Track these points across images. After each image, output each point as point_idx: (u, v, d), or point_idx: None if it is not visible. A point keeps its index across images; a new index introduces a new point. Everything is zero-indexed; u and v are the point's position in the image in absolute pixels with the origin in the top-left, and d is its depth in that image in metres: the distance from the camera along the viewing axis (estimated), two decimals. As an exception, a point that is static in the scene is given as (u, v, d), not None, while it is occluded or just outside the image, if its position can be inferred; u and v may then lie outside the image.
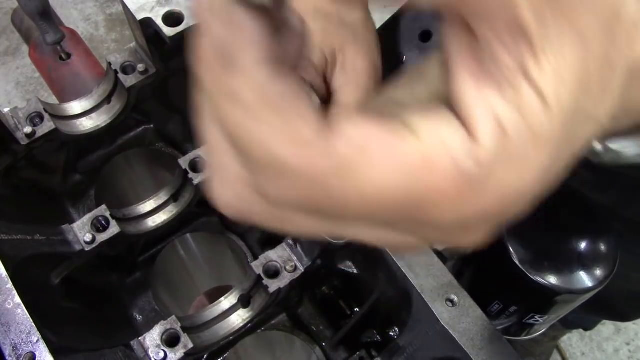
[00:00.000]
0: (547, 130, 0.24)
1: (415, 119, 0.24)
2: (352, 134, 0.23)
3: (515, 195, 0.25)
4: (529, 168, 0.25)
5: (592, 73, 0.25)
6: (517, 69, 0.24)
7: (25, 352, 0.58)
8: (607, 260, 0.59)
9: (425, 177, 0.23)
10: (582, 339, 1.84)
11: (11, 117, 0.77)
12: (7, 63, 2.24)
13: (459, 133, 0.24)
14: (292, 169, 0.23)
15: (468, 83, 0.25)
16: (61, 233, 0.74)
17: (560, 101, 0.24)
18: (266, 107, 0.23)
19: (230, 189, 0.27)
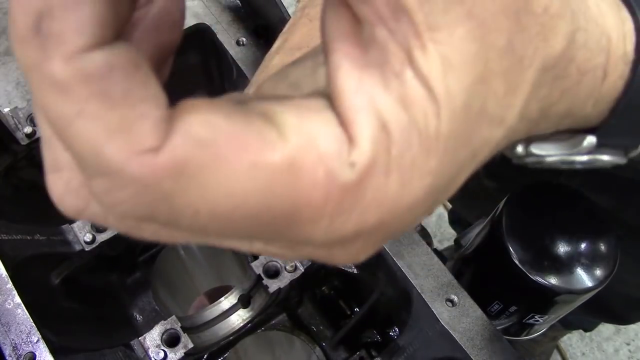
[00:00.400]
0: (434, 128, 0.21)
1: (287, 116, 0.20)
2: (196, 130, 0.19)
3: (400, 206, 0.21)
4: (415, 173, 0.21)
5: (493, 65, 0.22)
6: (402, 55, 0.21)
7: (25, 352, 0.58)
8: (607, 260, 0.59)
9: (290, 187, 0.20)
10: (582, 339, 1.84)
11: (11, 117, 0.77)
12: (7, 63, 2.24)
13: (335, 135, 0.20)
14: (123, 172, 0.19)
15: (348, 74, 0.21)
16: (61, 233, 0.74)
17: (449, 93, 0.21)
18: (97, 100, 0.18)
19: (64, 184, 0.23)
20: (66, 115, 0.19)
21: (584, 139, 0.32)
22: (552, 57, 0.25)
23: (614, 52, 0.29)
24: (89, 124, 0.18)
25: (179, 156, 0.19)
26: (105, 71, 0.18)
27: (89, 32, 0.18)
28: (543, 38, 0.24)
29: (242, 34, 0.76)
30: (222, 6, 0.78)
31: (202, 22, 0.76)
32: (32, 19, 0.18)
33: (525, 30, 0.23)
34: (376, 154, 0.20)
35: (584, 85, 0.28)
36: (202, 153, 0.19)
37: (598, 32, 0.28)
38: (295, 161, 0.19)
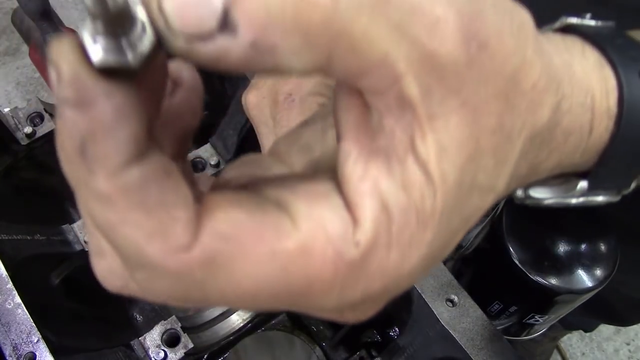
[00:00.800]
0: (430, 207, 0.24)
1: (298, 205, 0.24)
2: (221, 227, 0.22)
3: (401, 274, 0.24)
4: (414, 246, 0.24)
5: (483, 143, 0.24)
6: (406, 142, 0.23)
7: (25, 352, 0.58)
8: (607, 260, 0.59)
9: (303, 268, 0.23)
10: (582, 339, 1.84)
11: (11, 117, 0.77)
12: (7, 63, 2.24)
13: (342, 218, 0.23)
14: (161, 267, 0.22)
15: (356, 162, 0.24)
16: (61, 233, 0.74)
17: (444, 174, 0.24)
18: (136, 209, 0.22)
19: (107, 266, 0.26)
20: (111, 222, 0.22)
21: (577, 184, 0.34)
22: (538, 127, 0.28)
23: (598, 109, 0.32)
24: (131, 229, 0.22)
25: (208, 251, 0.22)
26: (142, 183, 0.22)
27: (126, 151, 0.21)
28: (531, 112, 0.27)
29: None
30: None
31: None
32: (78, 144, 0.21)
33: (514, 108, 0.25)
34: (378, 233, 0.23)
35: (570, 143, 0.31)
36: (227, 246, 0.22)
37: (583, 94, 0.31)
38: (307, 246, 0.23)
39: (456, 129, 0.23)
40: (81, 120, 0.21)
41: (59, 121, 0.21)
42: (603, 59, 0.33)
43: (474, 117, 0.24)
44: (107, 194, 0.21)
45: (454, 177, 0.24)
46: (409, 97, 0.23)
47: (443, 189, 0.24)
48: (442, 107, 0.23)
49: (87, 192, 0.22)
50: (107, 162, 0.21)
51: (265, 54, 0.21)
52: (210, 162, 0.78)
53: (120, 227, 0.22)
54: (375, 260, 0.24)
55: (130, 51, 0.21)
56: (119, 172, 0.21)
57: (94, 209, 0.22)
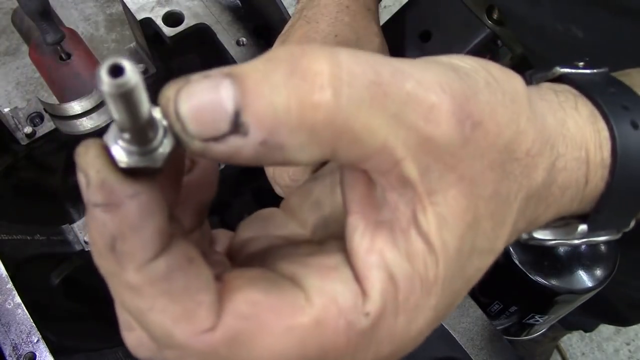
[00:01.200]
0: (433, 275, 0.25)
1: (310, 280, 0.25)
2: (241, 309, 0.24)
3: (408, 338, 0.26)
4: (419, 312, 0.26)
5: (481, 211, 0.26)
6: (409, 216, 0.25)
7: (25, 352, 0.58)
8: (607, 260, 0.59)
9: (318, 340, 0.24)
10: (582, 339, 1.84)
11: (11, 117, 0.77)
12: (7, 63, 2.24)
13: (352, 291, 0.25)
14: (188, 348, 0.24)
15: (363, 235, 0.26)
16: (61, 233, 0.74)
17: (444, 244, 0.25)
18: (163, 297, 0.24)
19: (136, 339, 0.28)
20: (140, 309, 0.24)
21: (577, 227, 0.35)
22: (534, 187, 0.29)
23: (593, 160, 0.33)
24: (159, 315, 0.24)
25: (231, 331, 0.24)
26: (167, 273, 0.24)
27: (152, 247, 0.23)
28: (526, 176, 0.28)
29: (242, 34, 0.76)
30: (222, 6, 0.78)
31: (202, 22, 0.76)
32: (108, 241, 0.23)
33: (509, 174, 0.27)
34: (386, 302, 0.25)
35: (567, 195, 0.32)
36: (248, 325, 0.24)
37: (577, 149, 0.32)
38: (321, 319, 0.24)
39: (454, 201, 0.25)
40: (110, 221, 0.23)
41: (90, 220, 0.23)
42: (596, 110, 0.34)
43: (471, 189, 0.26)
44: (137, 286, 0.24)
45: (455, 245, 0.26)
46: (409, 177, 0.24)
47: (445, 257, 0.25)
48: (440, 183, 0.25)
49: (118, 282, 0.24)
50: (136, 257, 0.23)
51: (274, 151, 0.23)
52: (210, 162, 0.78)
53: (149, 313, 0.24)
54: (384, 327, 0.25)
55: (153, 153, 0.23)
56: (146, 266, 0.23)
57: (124, 297, 0.24)
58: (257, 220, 0.32)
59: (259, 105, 0.22)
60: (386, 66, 0.24)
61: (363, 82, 0.23)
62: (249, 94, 0.22)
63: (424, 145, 0.24)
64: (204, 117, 0.22)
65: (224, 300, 0.24)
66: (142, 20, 0.75)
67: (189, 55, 0.84)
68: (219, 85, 0.22)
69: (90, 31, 2.31)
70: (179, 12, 0.75)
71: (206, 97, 0.22)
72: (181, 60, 0.85)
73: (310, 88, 0.22)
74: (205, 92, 0.22)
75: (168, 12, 0.75)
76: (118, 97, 0.20)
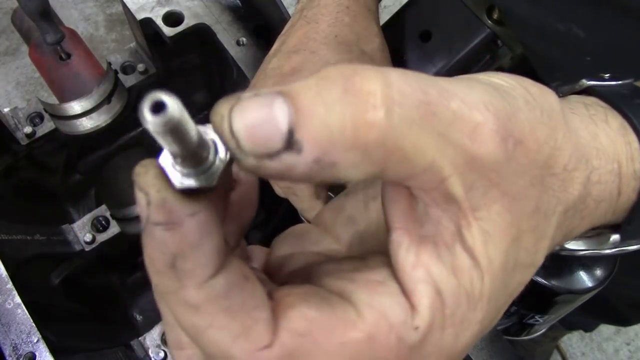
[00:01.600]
0: (479, 290, 0.26)
1: (359, 295, 0.26)
2: (296, 325, 0.25)
3: (455, 351, 0.27)
4: (465, 326, 0.26)
5: (524, 227, 0.27)
6: (453, 231, 0.26)
7: (25, 352, 0.58)
8: (607, 260, 0.59)
9: (370, 355, 0.25)
10: (582, 339, 1.84)
11: (11, 117, 0.77)
12: (7, 63, 2.24)
13: (401, 305, 0.25)
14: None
15: (408, 250, 0.26)
16: (61, 233, 0.74)
17: (490, 260, 0.26)
18: (222, 314, 0.24)
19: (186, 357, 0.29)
20: (198, 327, 0.24)
21: (610, 237, 0.36)
22: (571, 201, 0.30)
23: (625, 173, 0.34)
24: (217, 333, 0.24)
25: (287, 348, 0.24)
26: (227, 290, 0.24)
27: (212, 264, 0.24)
28: (564, 190, 0.29)
29: (242, 34, 0.76)
30: (222, 6, 0.78)
31: (202, 22, 0.76)
32: (169, 259, 0.24)
33: (548, 190, 0.28)
34: (434, 317, 0.25)
35: (601, 208, 0.33)
36: (303, 342, 0.24)
37: (610, 162, 0.33)
38: (372, 334, 0.25)
39: (499, 216, 0.26)
40: (171, 240, 0.23)
41: (148, 239, 0.24)
42: (625, 122, 0.34)
43: (514, 205, 0.26)
44: (196, 303, 0.24)
45: (500, 261, 0.26)
46: (454, 194, 0.25)
47: (490, 272, 0.26)
48: (484, 199, 0.25)
49: (176, 300, 0.24)
50: (196, 275, 0.24)
51: (326, 169, 0.23)
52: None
53: (207, 331, 0.24)
54: (432, 341, 0.26)
55: (207, 172, 0.23)
56: (206, 283, 0.24)
57: (181, 315, 0.25)
58: (291, 237, 0.33)
59: (312, 123, 0.22)
60: (433, 85, 0.24)
61: (413, 101, 0.23)
62: (302, 112, 0.22)
63: (469, 163, 0.25)
64: (258, 134, 0.22)
65: (279, 318, 0.25)
66: (142, 20, 0.75)
67: (189, 55, 0.84)
68: (272, 103, 0.22)
69: (90, 31, 2.31)
70: (179, 12, 0.75)
71: (260, 114, 0.22)
72: (181, 60, 0.85)
73: (364, 107, 0.22)
74: (259, 110, 0.22)
75: (168, 12, 0.75)
76: (165, 133, 0.21)
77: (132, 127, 0.93)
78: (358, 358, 0.25)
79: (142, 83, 0.82)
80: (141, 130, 0.94)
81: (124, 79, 0.81)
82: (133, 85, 0.82)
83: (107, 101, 0.83)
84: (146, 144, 0.96)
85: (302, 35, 0.61)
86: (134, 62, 0.82)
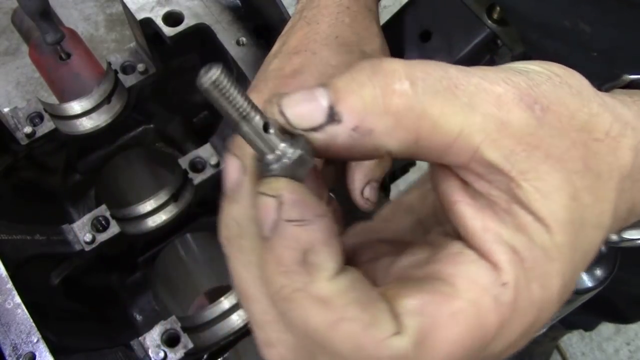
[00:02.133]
0: (548, 242, 0.27)
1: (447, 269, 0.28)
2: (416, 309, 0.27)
3: (547, 303, 0.28)
4: (548, 279, 0.28)
5: (578, 184, 0.28)
6: (506, 198, 0.28)
7: (25, 352, 0.58)
8: (607, 260, 0.59)
9: (476, 320, 0.27)
10: (582, 339, 1.84)
11: (11, 117, 0.77)
12: (7, 63, 2.24)
13: (485, 267, 0.27)
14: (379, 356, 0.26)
15: (473, 218, 0.28)
16: (61, 233, 0.74)
17: (550, 213, 0.27)
18: (351, 305, 0.26)
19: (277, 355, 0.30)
20: (328, 321, 0.26)
21: None
22: (625, 167, 0.31)
23: None
24: (349, 325, 0.26)
25: (414, 331, 0.26)
26: (354, 283, 0.26)
27: (339, 259, 0.26)
28: (612, 154, 0.30)
29: (242, 34, 0.76)
30: (222, 6, 0.78)
31: (202, 22, 0.76)
32: (299, 255, 0.26)
33: (596, 154, 0.29)
34: (517, 271, 0.27)
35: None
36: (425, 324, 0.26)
37: None
38: (471, 299, 0.27)
39: (548, 175, 0.27)
40: (304, 234, 0.26)
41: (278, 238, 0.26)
42: None
43: (560, 165, 0.28)
44: (327, 296, 0.26)
45: (562, 215, 0.28)
46: (493, 161, 0.27)
47: (555, 225, 0.27)
48: (529, 162, 0.27)
49: (305, 296, 0.26)
50: (327, 268, 0.26)
51: (365, 136, 0.27)
52: (210, 162, 0.78)
53: (338, 324, 0.26)
54: (523, 297, 0.27)
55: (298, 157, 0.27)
56: (336, 276, 0.26)
57: (310, 312, 0.26)
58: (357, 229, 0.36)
59: (349, 97, 0.27)
60: (452, 67, 0.28)
61: (435, 76, 0.27)
62: (339, 92, 0.27)
63: (500, 129, 0.27)
64: (303, 111, 0.27)
65: (396, 307, 0.27)
66: (142, 20, 0.75)
67: (189, 55, 0.84)
68: (314, 91, 0.27)
69: (90, 31, 2.31)
70: (179, 12, 0.75)
71: (303, 97, 0.27)
72: (181, 60, 0.85)
73: (391, 81, 0.27)
74: (302, 95, 0.27)
75: (168, 12, 0.75)
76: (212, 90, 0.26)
77: (132, 127, 0.93)
78: (468, 325, 0.27)
79: (142, 83, 0.82)
80: (141, 130, 0.94)
81: (124, 79, 0.81)
82: (133, 85, 0.82)
83: (107, 101, 0.83)
84: (147, 143, 0.96)
85: (302, 36, 0.61)
86: (134, 62, 0.82)
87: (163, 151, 0.97)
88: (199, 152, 0.78)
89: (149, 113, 0.92)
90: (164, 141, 0.97)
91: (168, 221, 0.80)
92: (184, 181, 0.80)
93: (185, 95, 0.92)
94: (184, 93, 0.92)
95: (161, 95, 0.89)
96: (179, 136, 0.96)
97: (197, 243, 1.05)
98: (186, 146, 0.96)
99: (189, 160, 0.78)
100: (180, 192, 0.81)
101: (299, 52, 0.60)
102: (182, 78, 0.88)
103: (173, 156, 0.95)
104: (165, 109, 0.93)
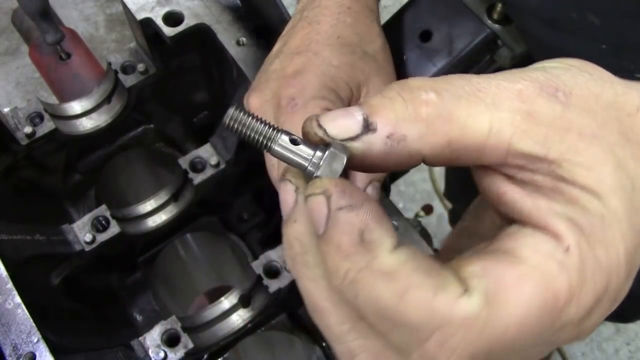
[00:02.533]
0: (602, 209, 0.29)
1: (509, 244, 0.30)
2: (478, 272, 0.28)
3: (616, 267, 0.29)
4: (610, 244, 0.29)
5: (621, 154, 0.29)
6: (550, 180, 0.29)
7: (25, 352, 0.58)
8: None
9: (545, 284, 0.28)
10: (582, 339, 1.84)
11: (11, 117, 0.77)
12: (7, 63, 2.24)
13: (545, 238, 0.29)
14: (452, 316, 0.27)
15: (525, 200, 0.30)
16: (61, 233, 0.74)
17: (598, 182, 0.29)
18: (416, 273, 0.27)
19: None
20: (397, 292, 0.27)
21: None
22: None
23: None
24: (417, 292, 0.27)
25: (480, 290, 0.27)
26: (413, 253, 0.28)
27: (393, 234, 0.28)
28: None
29: (243, 34, 0.76)
30: (222, 6, 0.78)
31: (202, 22, 0.76)
32: (356, 236, 0.28)
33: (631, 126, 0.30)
34: (578, 238, 0.28)
35: None
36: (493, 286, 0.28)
37: None
38: (537, 265, 0.28)
39: (587, 150, 0.29)
40: (356, 217, 0.28)
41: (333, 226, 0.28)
42: None
43: (596, 139, 0.29)
44: (392, 268, 0.27)
45: (611, 182, 0.29)
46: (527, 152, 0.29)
47: (605, 192, 0.29)
48: (564, 144, 0.29)
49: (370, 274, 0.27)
50: (385, 242, 0.28)
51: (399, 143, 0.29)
52: (210, 162, 0.78)
53: (407, 293, 0.27)
54: (589, 261, 0.28)
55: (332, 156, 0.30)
56: (396, 249, 0.28)
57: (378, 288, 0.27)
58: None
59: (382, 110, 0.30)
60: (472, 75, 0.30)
61: (457, 85, 0.30)
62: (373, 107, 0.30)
63: (528, 120, 0.29)
64: (340, 123, 0.30)
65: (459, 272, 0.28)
66: (142, 20, 0.75)
67: (189, 55, 0.84)
68: (349, 108, 0.30)
69: (90, 31, 2.31)
70: (179, 12, 0.75)
71: (340, 113, 0.30)
72: (181, 60, 0.85)
73: (419, 93, 0.30)
74: (339, 112, 0.31)
75: (168, 12, 0.75)
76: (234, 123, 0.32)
77: (132, 127, 0.93)
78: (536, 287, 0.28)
79: (142, 83, 0.82)
80: (141, 130, 0.94)
81: (124, 79, 0.81)
82: (133, 85, 0.82)
83: (107, 101, 0.82)
84: (147, 143, 0.96)
85: (303, 36, 0.61)
86: (134, 62, 0.82)
87: (163, 151, 0.97)
88: (199, 152, 0.78)
89: (149, 113, 0.92)
90: (164, 141, 0.97)
91: (168, 221, 0.80)
92: (184, 181, 0.80)
93: (185, 95, 0.92)
94: (184, 93, 0.92)
95: (161, 95, 0.89)
96: (179, 136, 0.96)
97: (197, 243, 1.05)
98: (186, 146, 0.96)
99: (189, 160, 0.78)
100: (180, 192, 0.81)
101: (300, 52, 0.59)
102: (182, 78, 0.88)
103: (173, 156, 0.95)
104: (165, 109, 0.93)
